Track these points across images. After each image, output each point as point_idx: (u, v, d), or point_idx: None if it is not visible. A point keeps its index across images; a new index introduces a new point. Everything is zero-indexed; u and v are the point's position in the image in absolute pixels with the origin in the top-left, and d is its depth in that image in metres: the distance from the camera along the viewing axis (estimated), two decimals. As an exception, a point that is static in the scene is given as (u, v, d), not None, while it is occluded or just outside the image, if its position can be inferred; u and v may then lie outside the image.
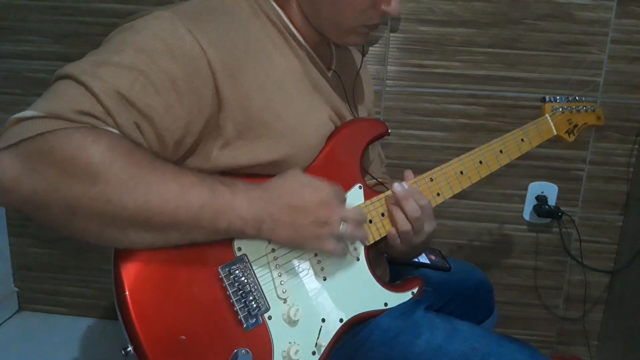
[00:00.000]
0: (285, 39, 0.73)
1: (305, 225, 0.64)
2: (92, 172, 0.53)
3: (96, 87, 0.56)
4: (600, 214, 1.43)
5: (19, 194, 0.53)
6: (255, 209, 0.62)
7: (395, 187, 0.75)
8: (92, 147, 0.53)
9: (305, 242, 0.65)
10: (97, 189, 0.53)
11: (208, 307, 0.63)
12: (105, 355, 1.44)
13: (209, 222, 0.59)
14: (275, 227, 0.63)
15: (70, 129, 0.54)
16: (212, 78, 0.63)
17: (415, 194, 0.75)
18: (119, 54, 0.59)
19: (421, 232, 0.77)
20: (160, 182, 0.56)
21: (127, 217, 0.55)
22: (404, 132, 1.41)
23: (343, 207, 0.68)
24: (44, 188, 0.53)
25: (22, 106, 0.54)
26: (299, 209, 0.64)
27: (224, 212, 0.60)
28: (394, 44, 1.35)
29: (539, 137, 0.91)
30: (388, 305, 0.77)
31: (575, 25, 1.30)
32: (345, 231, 0.66)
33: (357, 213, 0.69)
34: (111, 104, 0.56)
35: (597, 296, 1.48)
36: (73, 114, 0.54)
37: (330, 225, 0.65)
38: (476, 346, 0.73)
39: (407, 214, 0.75)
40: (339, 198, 0.68)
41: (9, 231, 1.57)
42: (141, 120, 0.58)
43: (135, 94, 0.57)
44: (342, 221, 0.66)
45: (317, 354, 0.69)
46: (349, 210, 0.68)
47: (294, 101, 0.71)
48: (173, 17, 0.62)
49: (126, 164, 0.55)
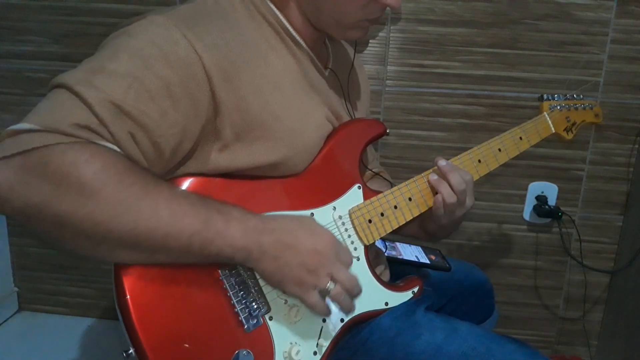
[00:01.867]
0: (282, 39, 0.73)
1: (290, 265, 0.62)
2: (84, 192, 0.53)
3: (90, 97, 0.55)
4: (600, 214, 1.43)
5: (12, 205, 0.53)
6: (247, 238, 0.61)
7: (440, 162, 0.79)
8: (86, 166, 0.53)
9: (286, 282, 0.63)
10: (87, 209, 0.53)
11: (209, 308, 0.63)
12: (105, 355, 1.44)
13: (198, 249, 0.59)
14: (261, 258, 0.62)
15: (65, 144, 0.53)
16: (207, 82, 0.62)
17: (460, 169, 0.79)
18: (113, 61, 0.58)
19: (463, 205, 0.79)
20: (151, 209, 0.56)
21: (116, 239, 0.56)
22: (404, 132, 1.41)
23: (339, 265, 0.65)
24: (36, 202, 0.53)
25: (22, 106, 0.54)
26: (289, 247, 0.63)
27: (214, 241, 0.59)
28: (394, 44, 1.35)
29: (538, 136, 0.91)
30: (389, 305, 0.77)
31: (575, 25, 1.30)
32: (330, 290, 0.64)
33: (351, 280, 0.66)
34: (105, 115, 0.56)
35: (597, 296, 1.48)
36: (69, 128, 0.54)
37: (317, 276, 0.63)
38: (476, 346, 0.73)
39: (453, 187, 0.77)
40: (341, 257, 0.66)
41: (9, 231, 1.58)
42: (135, 130, 0.58)
43: (129, 102, 0.57)
44: (331, 279, 0.64)
45: (318, 354, 0.69)
46: (343, 271, 0.65)
47: (292, 102, 0.71)
48: (168, 22, 0.62)
49: (118, 188, 0.55)
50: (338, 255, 0.66)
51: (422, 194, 0.81)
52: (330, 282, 0.64)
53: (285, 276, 0.63)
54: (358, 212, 0.76)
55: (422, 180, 0.81)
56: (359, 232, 0.76)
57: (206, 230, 0.59)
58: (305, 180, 0.73)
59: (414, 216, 0.80)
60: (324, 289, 0.64)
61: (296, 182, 0.72)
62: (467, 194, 0.79)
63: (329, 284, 0.64)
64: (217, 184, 0.67)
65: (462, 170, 0.80)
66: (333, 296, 0.65)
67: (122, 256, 0.58)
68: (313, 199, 0.73)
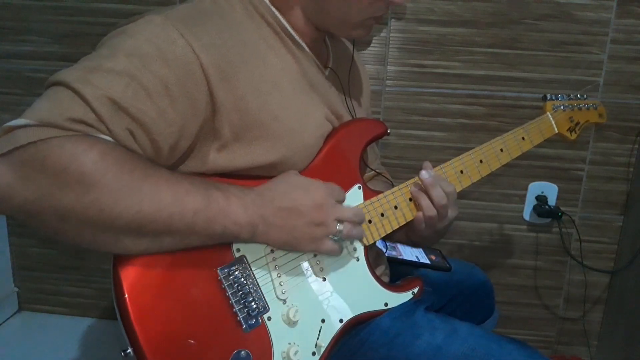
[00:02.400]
0: (281, 39, 0.72)
1: (298, 227, 0.65)
2: (85, 181, 0.53)
3: (88, 94, 0.55)
4: (600, 214, 1.43)
5: (12, 203, 0.53)
6: (249, 214, 0.62)
7: (422, 175, 0.78)
8: (84, 156, 0.53)
9: (300, 244, 0.66)
10: (90, 197, 0.53)
11: (207, 308, 0.63)
12: (105, 355, 1.44)
13: (203, 228, 0.60)
14: (268, 230, 0.64)
15: (62, 137, 0.53)
16: (205, 82, 0.62)
17: (442, 181, 0.77)
18: (111, 60, 0.58)
19: (445, 217, 0.79)
20: (153, 190, 0.57)
21: (120, 225, 0.56)
22: (404, 132, 1.40)
23: (339, 207, 0.68)
24: (36, 197, 0.53)
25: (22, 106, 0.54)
26: (292, 211, 0.64)
27: (218, 218, 0.60)
28: (394, 44, 1.35)
29: (540, 136, 0.91)
30: (388, 305, 0.77)
31: (575, 25, 1.30)
32: (341, 231, 0.67)
33: (354, 213, 0.69)
34: (103, 111, 0.56)
35: (597, 296, 1.48)
36: (65, 122, 0.54)
37: (326, 226, 0.66)
38: (476, 347, 0.73)
39: (433, 201, 0.77)
40: (335, 198, 0.68)
41: (9, 231, 1.58)
42: (134, 127, 0.58)
43: (127, 100, 0.57)
44: (338, 221, 0.67)
45: (316, 354, 0.69)
46: (345, 210, 0.68)
47: (291, 102, 0.70)
48: (165, 21, 0.62)
49: (119, 173, 0.55)
50: (334, 197, 0.68)
51: (422, 194, 0.81)
52: (338, 224, 0.67)
53: (297, 238, 0.66)
54: (358, 212, 0.76)
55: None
56: (359, 232, 0.76)
57: (209, 208, 0.59)
58: (305, 180, 0.73)
59: (414, 216, 0.80)
60: (335, 233, 0.67)
61: (296, 182, 0.72)
62: (448, 207, 0.78)
63: (338, 226, 0.67)
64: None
65: (445, 181, 0.79)
66: (345, 235, 0.68)
67: (127, 243, 0.58)
68: (312, 199, 0.73)
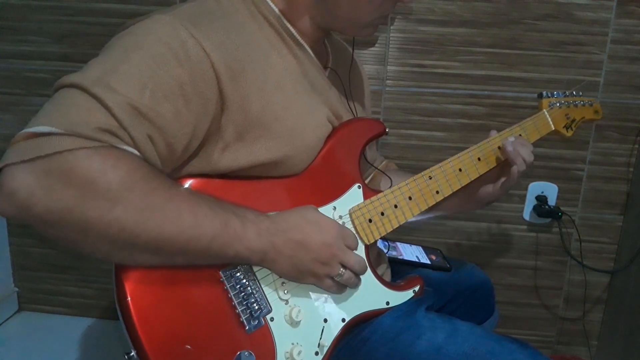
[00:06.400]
0: (283, 40, 0.73)
1: (304, 262, 0.66)
2: (111, 197, 0.53)
3: (109, 100, 0.54)
4: (600, 214, 1.43)
5: (32, 212, 0.52)
6: (262, 240, 0.63)
7: (509, 139, 0.85)
8: (112, 172, 0.53)
9: (302, 277, 0.68)
10: (114, 215, 0.53)
11: (210, 310, 0.63)
12: (105, 355, 1.44)
13: (216, 252, 0.61)
14: (276, 258, 0.65)
15: (90, 148, 0.53)
16: (216, 81, 0.62)
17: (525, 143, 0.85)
18: (124, 62, 0.58)
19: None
20: (176, 214, 0.57)
21: (139, 244, 0.56)
22: (404, 132, 1.41)
23: (347, 252, 0.70)
24: (59, 208, 0.52)
25: (22, 106, 0.54)
26: (301, 245, 0.66)
27: (233, 243, 0.61)
28: (394, 44, 1.35)
29: (537, 133, 0.91)
30: (390, 304, 0.77)
31: (575, 25, 1.30)
32: (342, 275, 0.69)
33: (358, 263, 0.70)
34: (125, 118, 0.55)
35: (597, 296, 1.49)
36: (91, 132, 0.53)
37: (330, 266, 0.68)
38: (477, 346, 0.73)
39: (525, 158, 0.84)
40: (346, 242, 0.70)
41: (9, 231, 1.57)
42: (153, 132, 0.58)
43: (146, 104, 0.57)
44: (342, 266, 0.69)
45: (319, 354, 0.69)
46: (351, 256, 0.70)
47: (293, 102, 0.71)
48: (174, 20, 0.61)
49: (144, 193, 0.55)
50: (345, 241, 0.70)
51: (422, 193, 0.81)
52: (342, 269, 0.69)
53: (301, 272, 0.67)
54: (358, 212, 0.76)
55: (422, 179, 0.81)
56: (360, 231, 0.76)
57: (225, 234, 0.60)
58: (306, 180, 0.73)
59: (414, 215, 0.80)
60: (336, 275, 0.69)
61: (296, 182, 0.72)
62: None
63: (340, 270, 0.69)
64: (219, 185, 0.67)
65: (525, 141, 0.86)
66: (344, 281, 0.70)
67: (141, 260, 0.58)
68: (313, 199, 0.73)
